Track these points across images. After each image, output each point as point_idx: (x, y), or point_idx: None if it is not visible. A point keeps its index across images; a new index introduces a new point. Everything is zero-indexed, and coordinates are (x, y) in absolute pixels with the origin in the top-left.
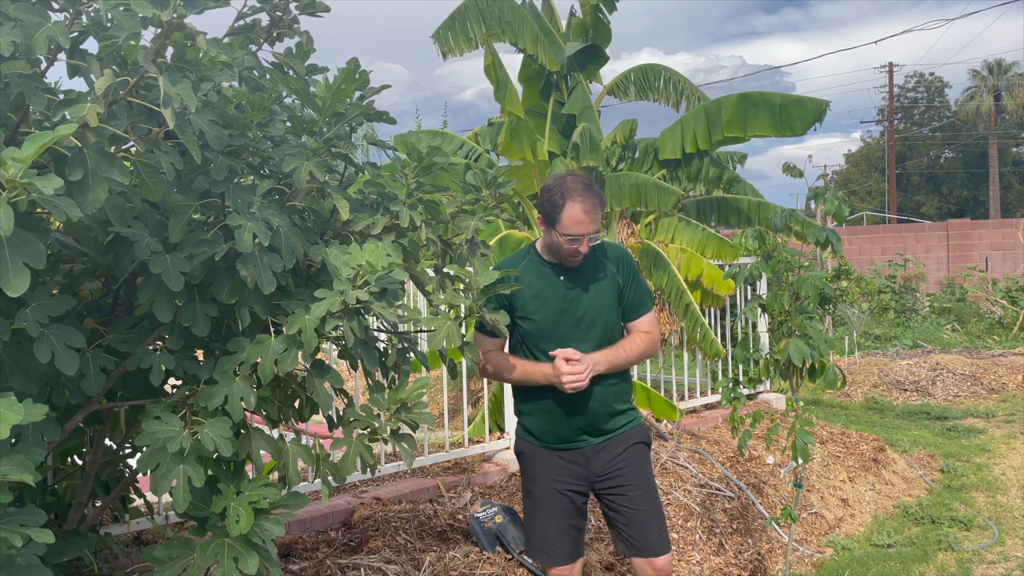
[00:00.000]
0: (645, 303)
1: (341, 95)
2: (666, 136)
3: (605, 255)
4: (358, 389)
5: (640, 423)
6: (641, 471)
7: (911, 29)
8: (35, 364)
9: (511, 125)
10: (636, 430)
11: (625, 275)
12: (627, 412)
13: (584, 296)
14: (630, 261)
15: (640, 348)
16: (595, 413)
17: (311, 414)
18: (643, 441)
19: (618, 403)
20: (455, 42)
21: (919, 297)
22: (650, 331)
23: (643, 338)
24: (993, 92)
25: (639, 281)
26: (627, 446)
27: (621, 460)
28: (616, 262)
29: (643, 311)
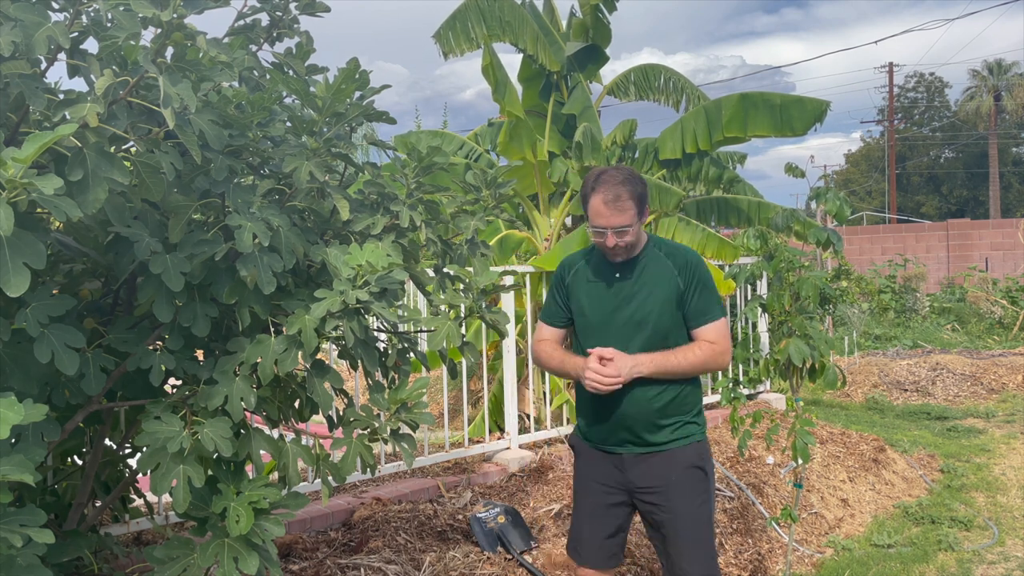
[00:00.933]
0: (709, 311)
1: (341, 95)
2: (666, 136)
3: (670, 257)
4: (358, 389)
5: (697, 442)
6: (684, 498)
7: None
8: (35, 364)
9: (511, 125)
10: (688, 450)
11: (688, 279)
12: (677, 427)
13: (637, 296)
14: (697, 266)
15: (697, 357)
16: (634, 420)
17: (311, 414)
18: (697, 465)
19: (664, 415)
20: (456, 42)
21: (919, 297)
22: (715, 341)
23: (704, 347)
24: (993, 92)
25: (706, 288)
26: (674, 466)
27: (663, 479)
28: (680, 265)
29: (707, 319)
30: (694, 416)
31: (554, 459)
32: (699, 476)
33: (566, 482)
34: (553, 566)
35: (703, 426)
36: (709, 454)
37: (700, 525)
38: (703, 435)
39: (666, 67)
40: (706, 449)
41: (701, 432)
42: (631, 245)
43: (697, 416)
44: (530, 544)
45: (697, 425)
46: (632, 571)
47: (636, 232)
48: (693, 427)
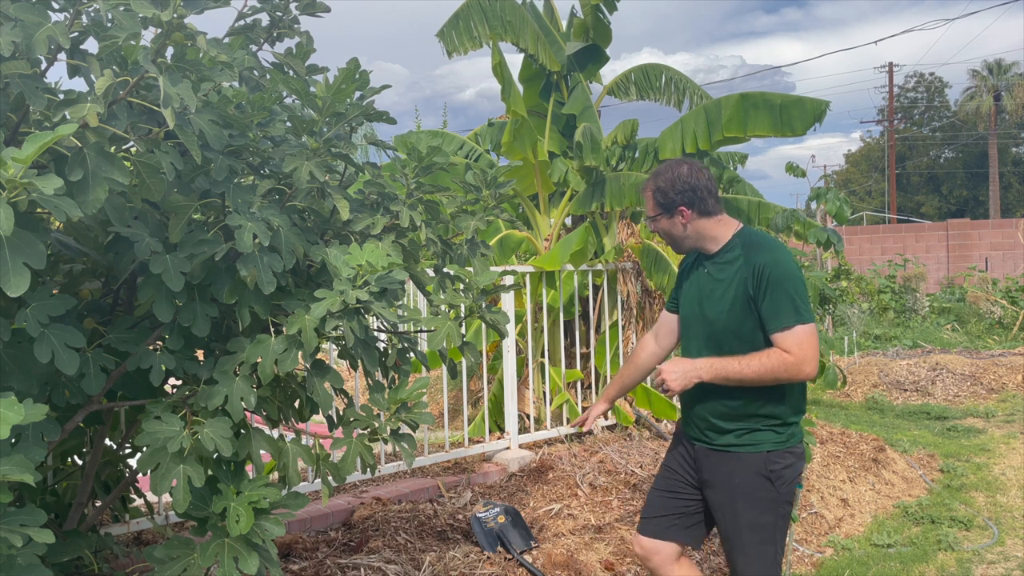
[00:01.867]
0: (779, 317)
1: (341, 95)
2: (666, 136)
3: (747, 254)
4: (358, 389)
5: (768, 451)
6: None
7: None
8: (35, 364)
9: (515, 125)
10: (756, 457)
11: (758, 282)
12: (744, 432)
13: (714, 294)
14: (770, 268)
15: (763, 366)
16: (700, 418)
17: (311, 414)
18: (762, 473)
19: (730, 419)
20: (459, 41)
21: (919, 297)
22: (789, 351)
23: (773, 356)
24: (993, 92)
25: (778, 292)
26: (738, 470)
27: (726, 480)
28: (753, 266)
29: (776, 325)
30: (771, 424)
31: (554, 459)
32: (763, 484)
33: (566, 482)
34: (553, 566)
35: (783, 436)
36: (787, 467)
37: (756, 533)
38: (779, 445)
39: (667, 66)
40: (780, 460)
41: (776, 442)
42: (669, 236)
43: (775, 425)
44: (530, 544)
45: (774, 433)
46: (632, 571)
47: (668, 225)
48: (768, 434)
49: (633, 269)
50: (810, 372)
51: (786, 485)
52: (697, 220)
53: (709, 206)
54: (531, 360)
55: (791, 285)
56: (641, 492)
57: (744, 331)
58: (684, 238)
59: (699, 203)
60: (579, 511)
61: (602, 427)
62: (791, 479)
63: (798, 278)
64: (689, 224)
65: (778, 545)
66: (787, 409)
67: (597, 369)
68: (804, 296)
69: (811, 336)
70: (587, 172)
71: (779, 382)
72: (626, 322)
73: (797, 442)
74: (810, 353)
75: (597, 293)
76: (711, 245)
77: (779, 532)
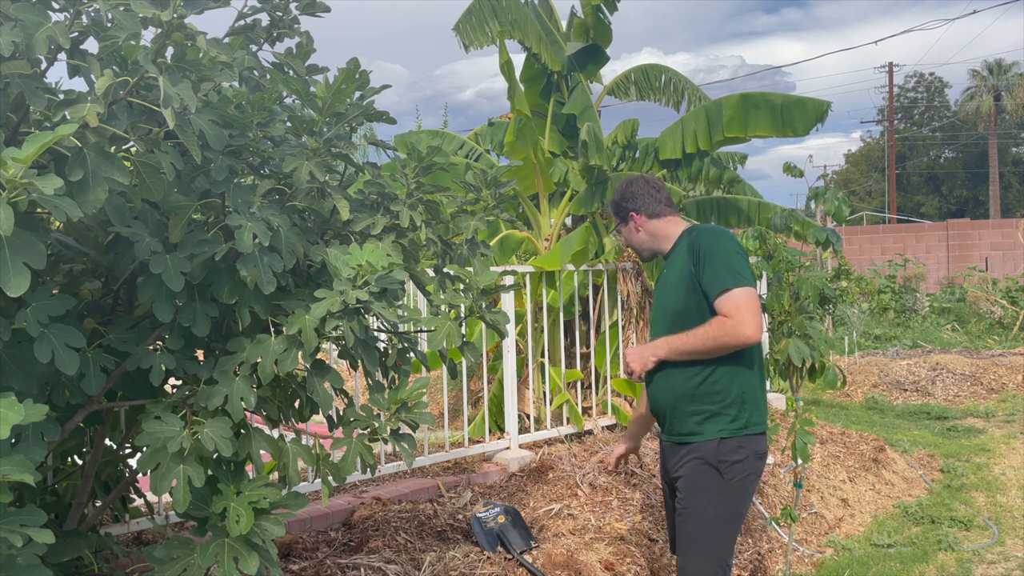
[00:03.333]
0: (717, 283)
1: (341, 95)
2: (666, 136)
3: (687, 239)
4: (358, 389)
5: (715, 440)
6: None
7: (911, 29)
8: (35, 364)
9: (519, 124)
10: (708, 444)
11: (696, 257)
12: (703, 418)
13: (667, 282)
14: (704, 242)
15: (706, 333)
16: (664, 407)
17: (311, 414)
18: (709, 462)
19: (688, 403)
20: (475, 35)
21: (919, 297)
22: (728, 314)
23: (715, 322)
24: (993, 92)
25: (713, 261)
26: (693, 459)
27: (684, 471)
28: (689, 244)
29: (717, 291)
30: (723, 406)
31: (554, 459)
32: (711, 474)
33: (566, 482)
34: (553, 566)
35: (739, 423)
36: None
37: (699, 524)
38: (734, 432)
39: (667, 67)
40: (733, 451)
41: (731, 429)
42: (634, 242)
43: (728, 408)
44: (530, 544)
45: (727, 418)
46: (632, 571)
47: (627, 233)
48: (721, 420)
49: (633, 269)
50: (751, 334)
51: (736, 481)
52: (648, 223)
53: (657, 209)
54: (531, 360)
55: (727, 255)
56: (642, 492)
57: (691, 311)
58: (643, 243)
59: (646, 207)
60: (579, 511)
61: (602, 427)
62: (742, 475)
63: (735, 250)
64: (642, 228)
65: (721, 544)
66: (737, 389)
67: (597, 369)
68: (742, 264)
69: (749, 298)
70: (589, 172)
71: (725, 347)
72: (626, 322)
73: (755, 431)
74: (748, 315)
75: (597, 293)
76: (665, 244)
77: (724, 530)
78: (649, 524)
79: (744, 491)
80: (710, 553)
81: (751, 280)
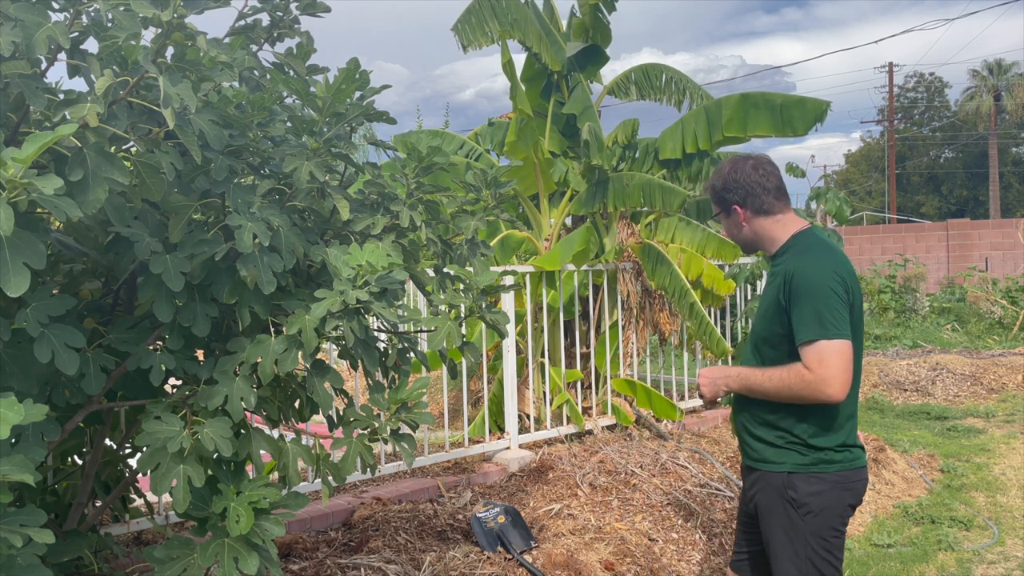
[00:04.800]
0: (804, 329)
1: (341, 95)
2: (666, 136)
3: (785, 261)
4: (358, 389)
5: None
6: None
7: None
8: (35, 364)
9: (520, 123)
10: (772, 477)
11: (788, 290)
12: (764, 447)
13: (761, 304)
14: (798, 278)
15: (782, 380)
16: (740, 429)
17: (311, 414)
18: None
19: (753, 431)
20: (474, 35)
21: (919, 297)
22: (809, 367)
23: (793, 371)
24: (993, 92)
25: (802, 304)
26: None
27: (758, 498)
28: (786, 272)
29: (800, 338)
30: (792, 443)
31: (554, 459)
32: (785, 510)
33: (566, 482)
34: (553, 566)
35: (808, 459)
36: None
37: (785, 561)
38: (803, 468)
39: (667, 66)
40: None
41: (800, 464)
42: (736, 238)
43: (797, 445)
44: (530, 544)
45: (798, 454)
46: (632, 571)
47: (728, 224)
48: (791, 454)
49: (633, 269)
50: (832, 394)
51: (814, 516)
52: (754, 219)
53: (766, 204)
54: (531, 360)
55: (821, 296)
56: (642, 492)
57: (773, 339)
58: (744, 238)
59: (753, 201)
60: (579, 511)
61: (602, 427)
62: (820, 509)
63: (828, 288)
64: (746, 224)
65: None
66: (808, 428)
67: (597, 369)
68: (833, 309)
69: (836, 354)
70: (590, 172)
71: (801, 400)
72: (626, 322)
73: (834, 470)
74: (833, 372)
75: (597, 293)
76: (770, 246)
77: (815, 564)
78: (649, 524)
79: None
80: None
81: (844, 330)
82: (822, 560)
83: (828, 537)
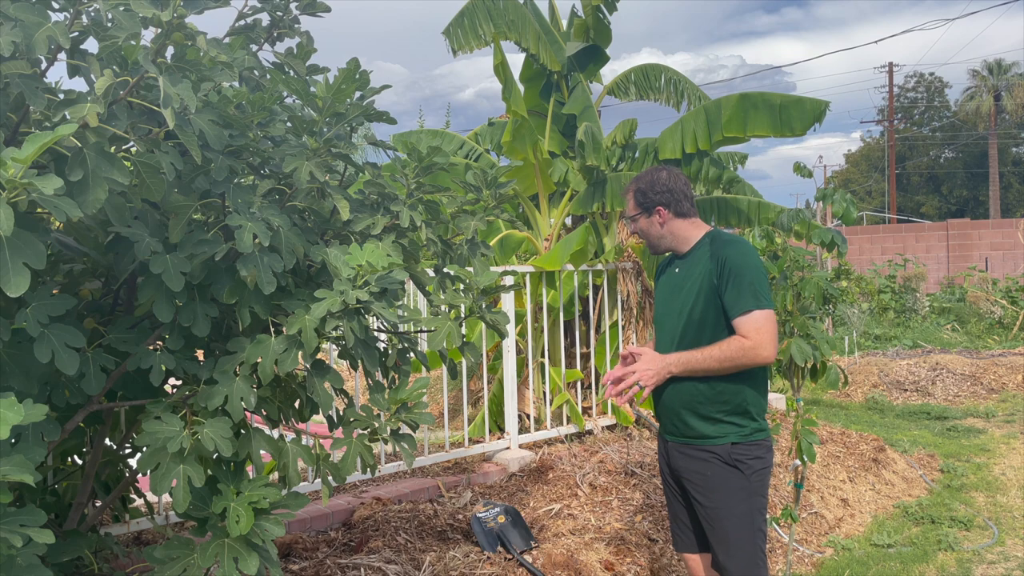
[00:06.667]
0: (740, 302)
1: (341, 95)
2: (666, 136)
3: (712, 247)
4: (358, 389)
5: (727, 444)
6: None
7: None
8: (35, 364)
9: (515, 125)
10: (718, 449)
11: (721, 270)
12: (713, 423)
13: (683, 289)
14: (732, 256)
15: (724, 353)
16: (672, 413)
17: (311, 414)
18: (729, 463)
19: (692, 412)
20: (465, 39)
21: (919, 297)
22: (747, 336)
23: (732, 343)
24: (993, 92)
25: (739, 279)
26: (711, 461)
27: (700, 472)
28: (715, 256)
29: (738, 311)
30: (732, 417)
31: (554, 459)
32: (732, 474)
33: (566, 482)
34: (553, 566)
35: (747, 430)
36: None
37: (733, 522)
38: (743, 438)
39: (666, 67)
40: (746, 451)
41: (740, 435)
42: (648, 235)
43: (736, 417)
44: (530, 544)
45: (736, 427)
46: (632, 571)
47: (647, 225)
48: (729, 427)
49: (633, 269)
50: (767, 356)
51: (756, 475)
52: (673, 221)
53: (684, 208)
54: (531, 360)
55: (751, 274)
56: (642, 492)
57: (708, 322)
58: (660, 237)
59: (675, 204)
60: (579, 511)
61: (602, 427)
62: (760, 469)
63: (759, 268)
64: (665, 224)
65: (756, 536)
66: (745, 402)
67: (597, 369)
68: (764, 285)
69: (768, 321)
70: (588, 172)
71: (740, 367)
72: (626, 322)
73: (763, 437)
74: (767, 337)
75: (597, 293)
76: (683, 246)
77: (756, 522)
78: (649, 524)
79: (763, 483)
80: (750, 547)
81: (771, 301)
82: (761, 517)
83: (765, 495)
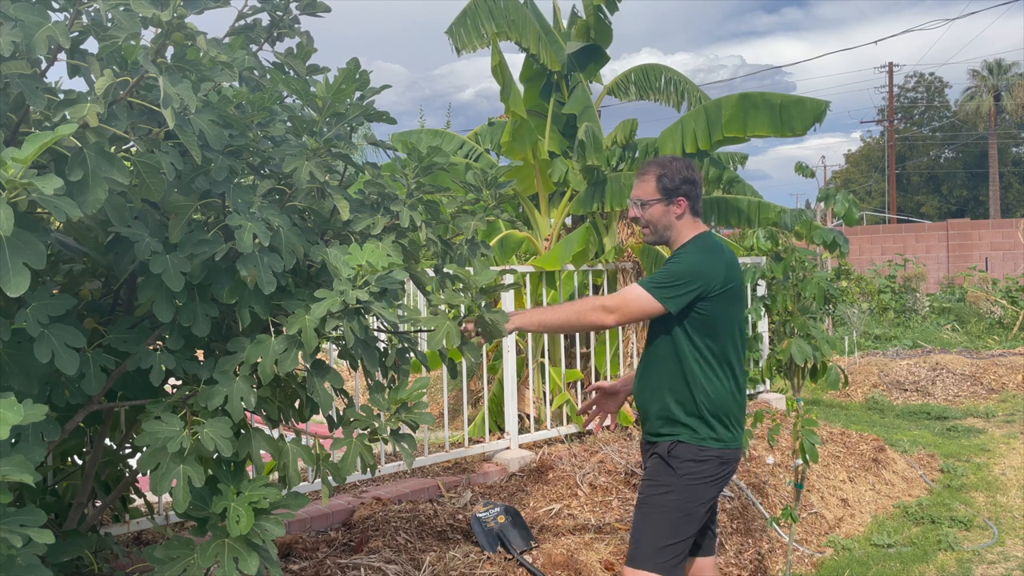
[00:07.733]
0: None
1: (341, 95)
2: (666, 136)
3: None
4: (358, 389)
5: (673, 440)
6: (644, 483)
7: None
8: (35, 364)
9: (514, 125)
10: (663, 444)
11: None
12: (662, 422)
13: None
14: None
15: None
16: (642, 411)
17: (311, 414)
18: (664, 458)
19: (653, 407)
20: (468, 38)
21: (919, 297)
22: (611, 296)
23: (587, 298)
24: (993, 92)
25: (663, 266)
26: (651, 455)
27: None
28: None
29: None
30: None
31: (554, 459)
32: (663, 467)
33: (566, 482)
34: (553, 566)
35: (701, 435)
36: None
37: (650, 511)
38: (694, 440)
39: (666, 67)
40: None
41: (692, 438)
42: (654, 224)
43: (691, 418)
44: (530, 544)
45: (689, 430)
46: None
47: (661, 212)
48: (682, 428)
49: (633, 269)
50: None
51: (688, 477)
52: (686, 215)
53: (699, 206)
54: (531, 360)
55: (670, 267)
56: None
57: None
58: (667, 228)
59: (695, 200)
60: (579, 511)
61: (602, 427)
62: (694, 473)
63: (683, 269)
64: (681, 217)
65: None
66: (693, 406)
67: (597, 369)
68: (671, 280)
69: (638, 299)
70: (588, 172)
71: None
72: None
73: (716, 447)
74: (620, 303)
75: (597, 293)
76: (676, 244)
77: (675, 525)
78: None
79: (695, 490)
80: (652, 542)
81: (663, 298)
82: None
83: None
